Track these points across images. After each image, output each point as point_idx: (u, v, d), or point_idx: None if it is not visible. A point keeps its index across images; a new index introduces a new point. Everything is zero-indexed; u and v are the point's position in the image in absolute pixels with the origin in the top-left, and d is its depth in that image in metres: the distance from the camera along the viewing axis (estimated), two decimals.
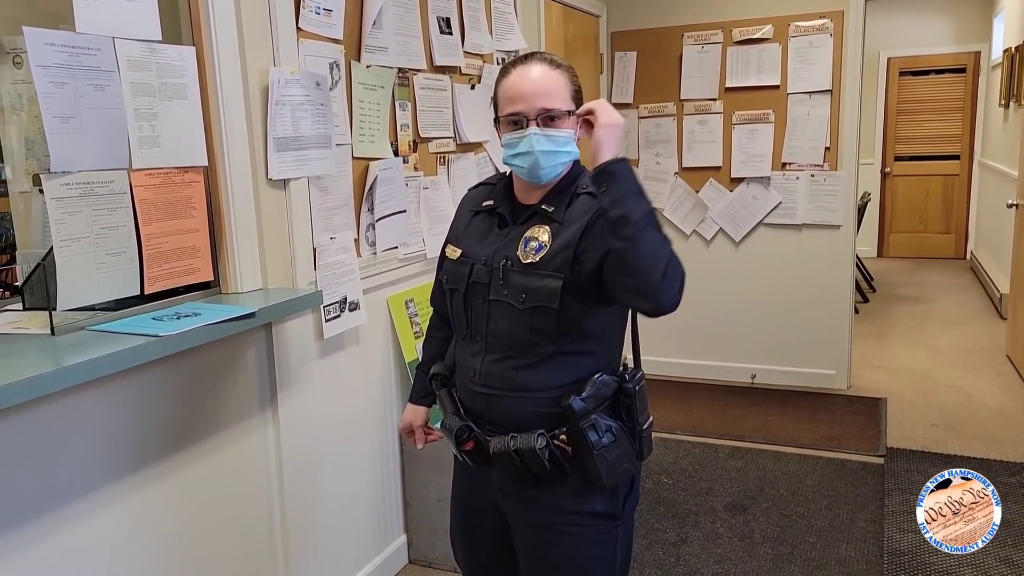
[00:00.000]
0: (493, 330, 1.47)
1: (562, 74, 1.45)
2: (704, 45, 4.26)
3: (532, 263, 1.42)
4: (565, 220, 1.44)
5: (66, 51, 1.54)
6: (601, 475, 1.42)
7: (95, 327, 1.61)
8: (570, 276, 1.39)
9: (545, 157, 1.42)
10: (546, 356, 1.43)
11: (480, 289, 1.48)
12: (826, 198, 4.14)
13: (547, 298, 1.40)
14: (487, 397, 1.49)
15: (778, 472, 3.28)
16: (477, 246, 1.52)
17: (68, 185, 1.56)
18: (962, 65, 7.84)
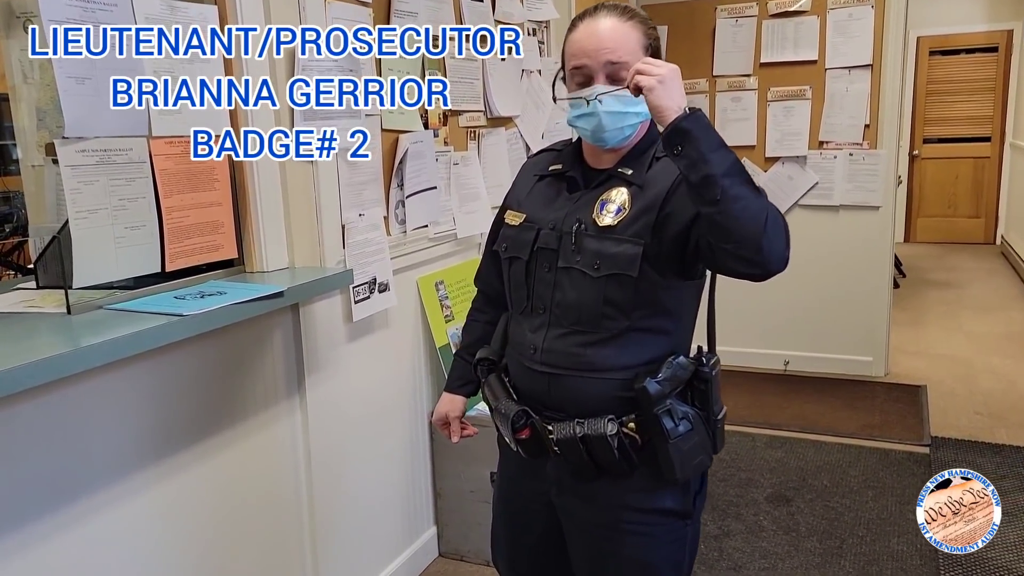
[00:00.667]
0: (560, 301, 1.33)
1: (634, 25, 1.31)
2: (738, 19, 4.09)
3: (609, 226, 1.29)
4: (646, 183, 1.30)
5: (80, 6, 1.42)
6: (675, 467, 1.29)
7: (113, 306, 1.50)
8: (650, 243, 1.26)
9: (610, 118, 1.29)
10: (618, 332, 1.30)
11: (547, 256, 1.34)
12: (865, 178, 3.98)
13: (625, 265, 1.27)
14: (549, 377, 1.34)
15: (820, 462, 3.14)
16: (544, 211, 1.38)
17: (84, 152, 1.44)
18: (994, 44, 7.61)
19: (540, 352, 1.35)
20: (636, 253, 1.27)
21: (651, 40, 1.33)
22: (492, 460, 2.38)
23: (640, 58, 1.28)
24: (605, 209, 1.31)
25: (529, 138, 2.96)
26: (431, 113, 2.40)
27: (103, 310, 1.48)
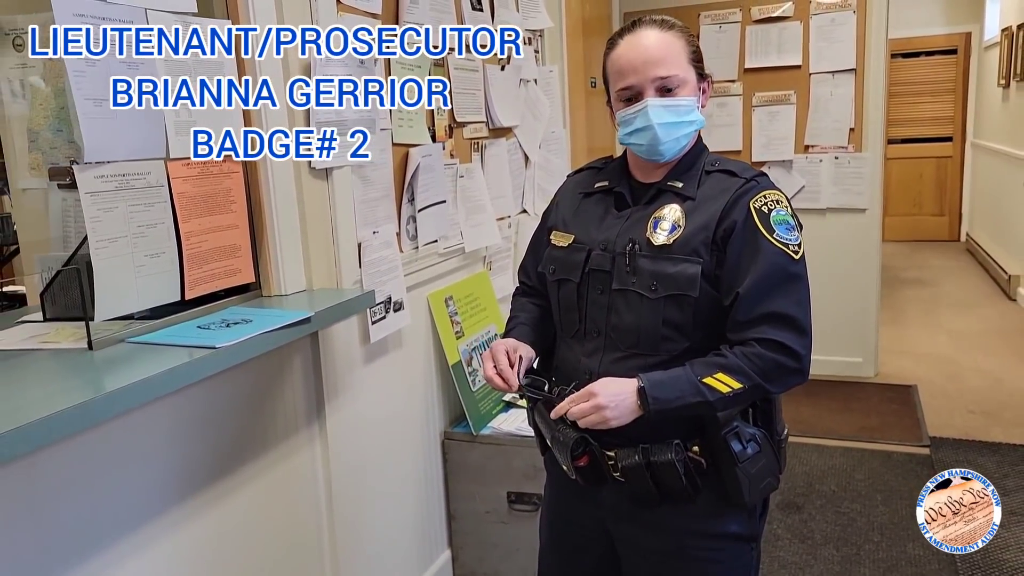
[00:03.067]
0: (616, 324, 1.30)
1: (676, 35, 1.31)
2: (722, 24, 4.10)
3: (665, 245, 1.26)
4: (700, 198, 1.28)
5: (95, 23, 1.33)
6: (742, 491, 1.25)
7: (136, 339, 1.41)
8: (708, 261, 1.24)
9: (665, 130, 1.26)
10: (678, 353, 1.27)
11: (599, 278, 1.31)
12: (851, 181, 4.01)
13: (685, 285, 1.24)
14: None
15: (824, 466, 3.14)
16: (593, 230, 1.35)
17: (103, 177, 1.35)
18: (953, 46, 7.79)
19: (596, 376, 1.30)
20: (695, 272, 1.24)
21: (693, 48, 1.33)
22: (507, 480, 2.33)
23: (686, 68, 1.29)
24: (659, 227, 1.28)
25: (528, 147, 2.92)
26: (438, 125, 2.34)
27: (126, 344, 1.39)
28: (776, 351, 1.21)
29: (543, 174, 3.02)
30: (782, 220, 1.25)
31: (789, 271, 1.23)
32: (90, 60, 1.32)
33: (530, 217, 2.92)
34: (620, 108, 1.30)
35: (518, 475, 2.31)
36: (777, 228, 1.24)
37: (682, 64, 1.28)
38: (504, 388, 1.33)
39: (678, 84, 1.27)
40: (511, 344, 1.39)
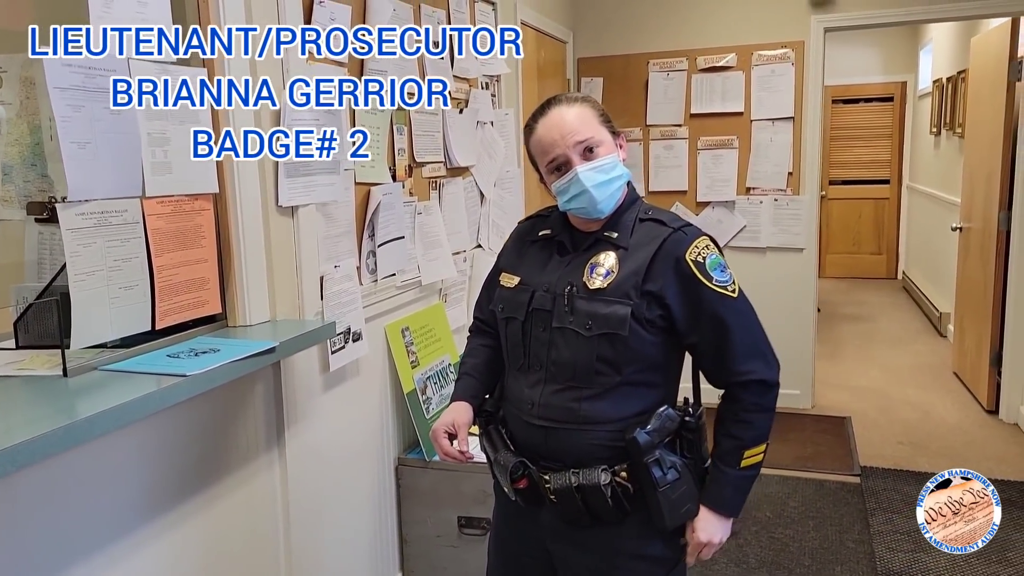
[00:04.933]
0: (555, 359, 1.42)
1: (583, 105, 1.44)
2: (669, 72, 4.33)
3: (599, 289, 1.39)
4: (631, 246, 1.42)
5: (83, 72, 1.43)
6: (664, 515, 1.39)
7: (109, 367, 1.49)
8: (638, 304, 1.37)
9: (598, 190, 1.40)
10: (610, 386, 1.40)
11: (541, 317, 1.44)
12: (789, 222, 4.25)
13: (616, 325, 1.36)
14: (545, 430, 1.43)
15: (760, 494, 3.31)
16: (537, 274, 1.48)
17: (83, 215, 1.44)
18: (890, 94, 8.23)
19: (537, 407, 1.44)
20: (625, 313, 1.36)
21: (601, 111, 1.47)
22: (458, 504, 2.43)
23: (600, 130, 1.43)
24: (595, 272, 1.41)
25: (483, 186, 3.07)
26: (398, 165, 2.47)
27: (99, 371, 1.47)
28: (756, 392, 1.41)
29: (498, 211, 3.17)
30: (715, 264, 1.39)
31: (735, 309, 1.39)
32: (76, 106, 1.42)
33: (484, 251, 3.06)
34: (553, 180, 1.44)
35: (468, 500, 2.41)
36: (713, 274, 1.38)
37: (595, 127, 1.41)
38: (462, 461, 1.54)
39: (597, 143, 1.40)
40: (447, 422, 1.54)
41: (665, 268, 1.38)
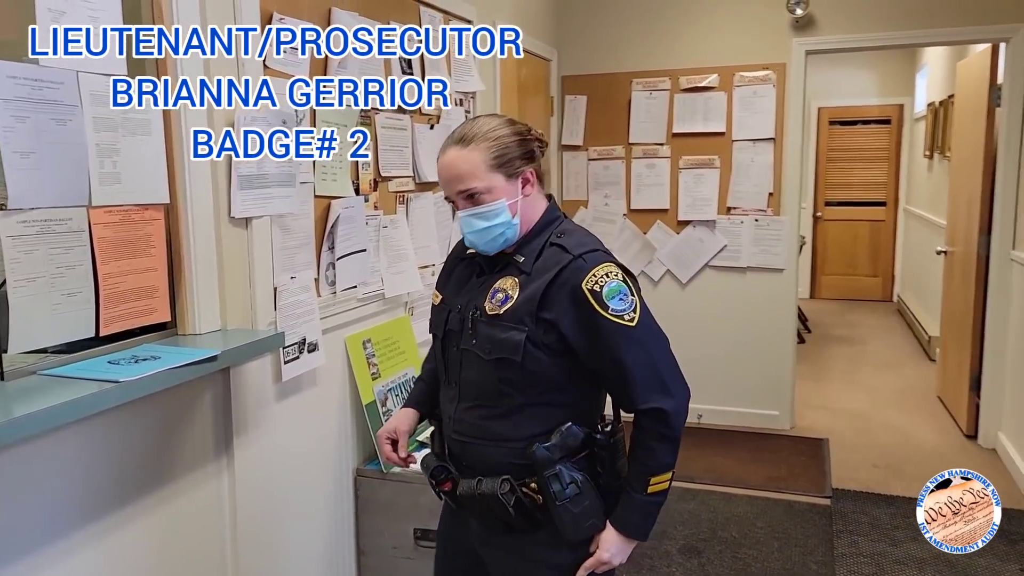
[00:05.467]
0: (464, 378, 1.48)
1: (474, 149, 1.42)
2: (652, 92, 4.37)
3: (496, 315, 1.42)
4: (533, 271, 1.44)
5: (28, 84, 1.47)
6: (566, 527, 1.42)
7: (48, 371, 1.53)
8: (534, 330, 1.39)
9: (478, 236, 1.45)
10: (515, 407, 1.44)
11: (454, 336, 1.50)
12: (770, 242, 4.27)
13: (510, 350, 1.39)
14: (461, 444, 1.50)
15: (729, 514, 3.31)
16: (455, 294, 1.55)
17: (25, 223, 1.48)
18: (887, 117, 8.26)
19: (453, 421, 1.51)
20: (519, 340, 1.39)
21: (496, 154, 1.43)
22: (414, 517, 2.45)
23: (487, 177, 1.42)
24: (495, 298, 1.44)
25: None
26: (362, 179, 2.51)
27: (37, 376, 1.51)
28: (656, 420, 1.40)
29: None
30: (614, 292, 1.38)
31: (632, 339, 1.39)
32: (21, 117, 1.46)
33: None
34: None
35: (424, 512, 2.43)
36: (610, 303, 1.37)
37: (482, 174, 1.41)
38: (404, 466, 1.65)
39: (481, 192, 1.42)
40: (389, 429, 1.65)
41: (561, 296, 1.39)
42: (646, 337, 1.41)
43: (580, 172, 4.51)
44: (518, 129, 1.48)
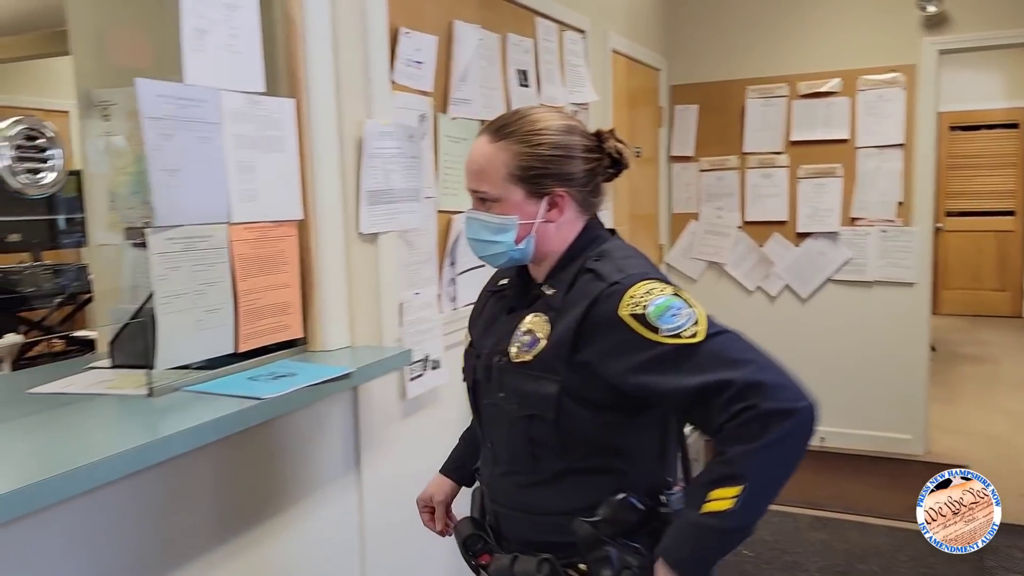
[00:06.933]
0: (495, 438, 1.24)
1: (502, 149, 1.18)
2: (768, 99, 4.20)
3: (523, 362, 1.15)
4: (564, 306, 1.16)
5: (175, 103, 1.49)
6: None
7: (192, 388, 1.53)
8: (569, 379, 1.12)
9: (478, 246, 1.24)
10: (555, 474, 1.17)
11: (483, 388, 1.25)
12: (899, 255, 4.01)
13: (540, 405, 1.13)
14: (496, 514, 1.28)
15: (866, 545, 3.08)
16: (483, 335, 1.29)
17: (171, 240, 1.49)
18: (1014, 121, 7.72)
19: (489, 488, 1.29)
20: (551, 392, 1.12)
21: (525, 164, 1.17)
22: None
23: (502, 186, 1.17)
24: (521, 340, 1.17)
25: None
26: None
27: (182, 392, 1.51)
28: (754, 418, 1.02)
29: None
30: (663, 309, 1.08)
31: (701, 357, 1.06)
32: (167, 135, 1.48)
33: None
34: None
35: None
36: (660, 323, 1.07)
37: (497, 181, 1.17)
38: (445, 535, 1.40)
39: (493, 199, 1.19)
40: (426, 498, 1.50)
41: (597, 334, 1.11)
42: (714, 346, 1.06)
43: (691, 184, 4.37)
44: (569, 142, 1.18)
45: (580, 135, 1.20)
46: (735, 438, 1.02)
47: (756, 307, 4.30)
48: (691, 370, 1.04)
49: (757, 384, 1.02)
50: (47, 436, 1.31)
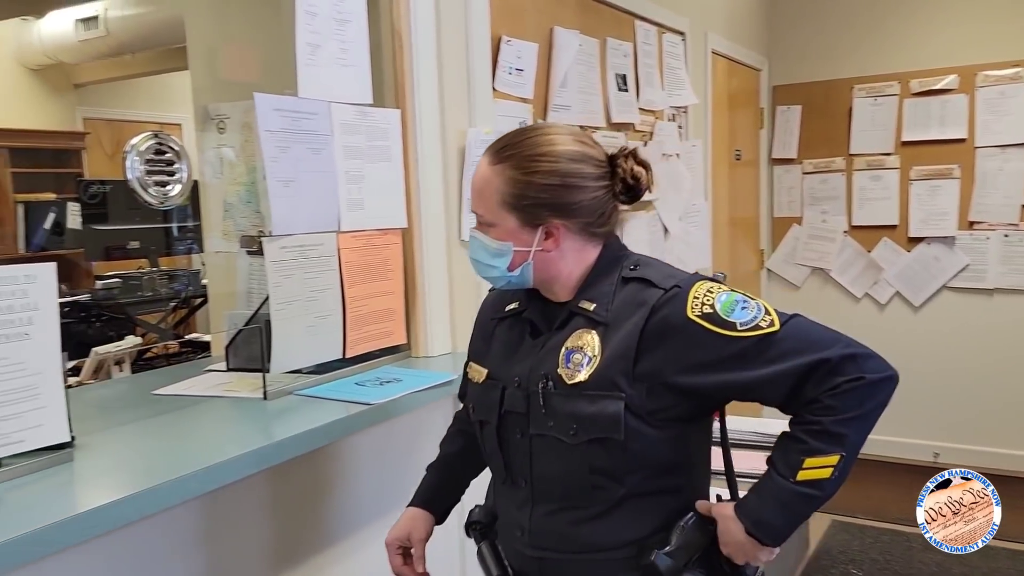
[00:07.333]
0: (540, 474, 1.13)
1: (496, 173, 1.11)
2: (877, 97, 4.01)
3: (579, 383, 1.08)
4: (613, 318, 1.09)
5: (290, 116, 1.54)
6: None
7: (303, 392, 1.58)
8: (632, 395, 1.05)
9: (478, 266, 1.18)
10: (615, 502, 1.09)
11: (517, 420, 1.14)
12: (1022, 260, 3.75)
13: (607, 427, 1.06)
14: (540, 562, 1.16)
15: (988, 570, 2.90)
16: (506, 363, 1.18)
17: (285, 248, 1.54)
18: None
19: (527, 534, 1.16)
20: (617, 411, 1.05)
21: (518, 192, 1.10)
22: None
23: (495, 212, 1.12)
24: (572, 360, 1.10)
25: (667, 220, 2.98)
26: None
27: (293, 396, 1.56)
28: (857, 388, 1.01)
29: (683, 246, 3.06)
30: (731, 304, 1.05)
31: (787, 343, 1.04)
32: (283, 147, 1.53)
33: None
34: None
35: None
36: (734, 317, 1.04)
37: (491, 206, 1.12)
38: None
39: (488, 223, 1.14)
40: (402, 536, 1.33)
41: (664, 342, 1.06)
42: (799, 330, 1.05)
43: (794, 187, 4.22)
44: (572, 169, 1.10)
45: (589, 161, 1.12)
46: (831, 408, 1.02)
47: (864, 314, 4.11)
48: (779, 357, 1.03)
49: (852, 357, 1.03)
50: (173, 436, 1.37)
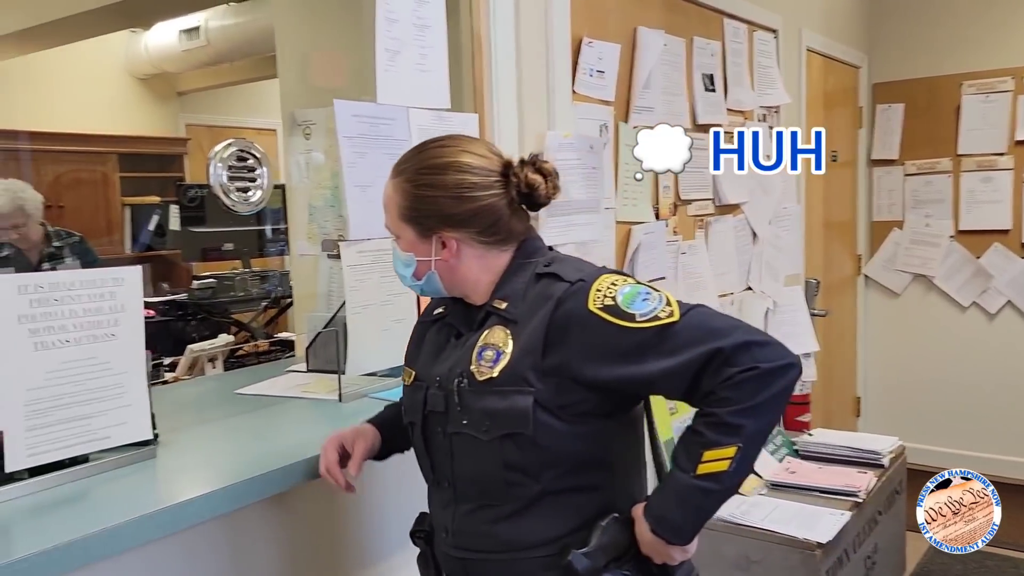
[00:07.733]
0: (460, 472, 1.13)
1: (394, 188, 1.15)
2: (989, 94, 3.76)
3: (490, 379, 1.08)
4: (522, 316, 1.10)
5: (368, 121, 1.56)
6: None
7: (377, 395, 1.60)
8: (542, 389, 1.05)
9: (397, 276, 1.22)
10: (531, 499, 1.08)
11: (438, 420, 1.14)
12: None
13: (517, 422, 1.05)
14: (464, 563, 1.16)
15: None
16: (431, 365, 1.19)
17: (362, 252, 1.57)
18: None
19: (451, 534, 1.16)
20: (526, 406, 1.05)
21: (408, 203, 1.14)
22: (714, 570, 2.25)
23: (397, 223, 1.15)
24: (484, 357, 1.10)
25: (756, 224, 2.88)
26: (662, 204, 2.40)
27: (368, 398, 1.58)
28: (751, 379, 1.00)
29: (772, 251, 2.95)
30: (632, 296, 1.05)
31: (680, 339, 1.02)
32: (361, 153, 1.55)
33: (754, 295, 2.86)
34: None
35: (726, 565, 2.23)
36: (634, 308, 1.04)
37: (393, 218, 1.17)
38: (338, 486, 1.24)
39: (395, 235, 1.18)
40: (348, 435, 1.27)
41: (568, 333, 1.06)
42: (701, 320, 1.05)
43: (895, 189, 4.00)
44: (459, 180, 1.11)
45: (476, 172, 1.12)
46: (726, 400, 1.01)
47: (972, 324, 3.87)
48: (677, 348, 1.03)
49: (746, 346, 1.01)
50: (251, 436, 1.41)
